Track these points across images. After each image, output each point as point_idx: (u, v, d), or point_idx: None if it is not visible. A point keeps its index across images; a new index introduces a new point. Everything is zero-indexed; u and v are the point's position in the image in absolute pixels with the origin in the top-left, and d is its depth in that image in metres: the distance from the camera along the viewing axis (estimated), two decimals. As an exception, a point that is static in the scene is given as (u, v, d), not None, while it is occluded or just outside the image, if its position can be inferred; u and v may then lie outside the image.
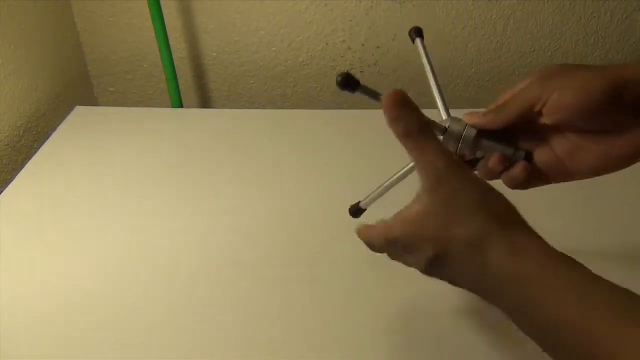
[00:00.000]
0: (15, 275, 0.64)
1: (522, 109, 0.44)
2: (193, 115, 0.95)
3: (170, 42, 0.96)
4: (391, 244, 0.43)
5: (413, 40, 0.55)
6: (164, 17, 0.93)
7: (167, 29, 0.94)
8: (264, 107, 1.09)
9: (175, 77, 0.99)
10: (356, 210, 0.54)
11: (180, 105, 1.02)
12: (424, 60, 0.53)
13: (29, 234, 0.69)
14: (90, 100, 1.10)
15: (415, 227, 0.41)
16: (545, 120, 0.44)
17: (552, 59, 1.01)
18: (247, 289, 0.61)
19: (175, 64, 0.99)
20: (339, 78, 0.44)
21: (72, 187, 0.77)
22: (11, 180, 0.78)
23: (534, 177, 0.47)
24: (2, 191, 0.76)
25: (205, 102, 1.10)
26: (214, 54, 1.04)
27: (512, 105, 0.45)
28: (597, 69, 0.43)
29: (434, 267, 0.41)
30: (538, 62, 1.02)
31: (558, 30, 0.99)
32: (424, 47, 0.54)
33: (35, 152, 0.84)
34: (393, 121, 0.41)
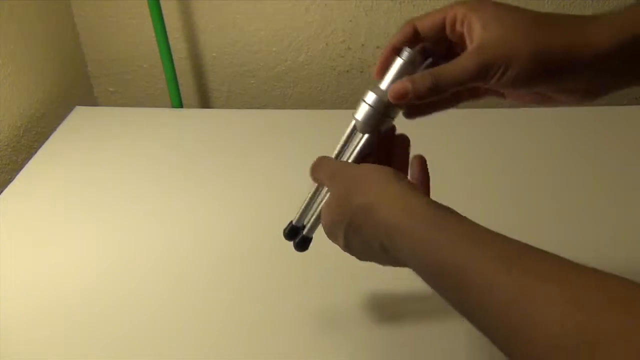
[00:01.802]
0: (16, 275, 0.63)
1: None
2: (193, 115, 0.95)
3: (170, 42, 0.96)
4: (330, 234, 0.48)
5: None
6: (164, 17, 0.93)
7: (167, 29, 0.94)
8: (264, 107, 1.09)
9: (175, 77, 0.99)
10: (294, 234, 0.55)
11: (180, 105, 1.02)
12: None
13: (29, 234, 0.69)
14: (90, 100, 1.10)
15: (331, 212, 0.46)
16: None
17: (552, 59, 1.01)
18: (248, 288, 0.61)
19: (175, 64, 0.99)
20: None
21: (72, 187, 0.77)
22: (11, 180, 0.78)
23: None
24: (2, 191, 0.76)
25: (205, 102, 1.10)
26: (214, 54, 1.04)
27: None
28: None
29: (349, 237, 0.45)
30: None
31: (558, 30, 0.98)
32: None
33: (35, 152, 0.84)
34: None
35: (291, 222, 0.57)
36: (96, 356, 0.55)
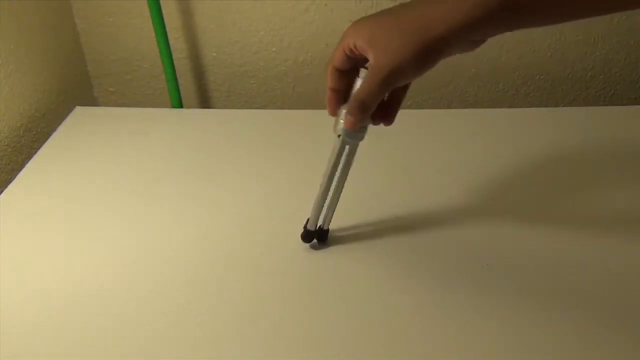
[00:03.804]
0: (16, 275, 0.64)
1: None
2: (193, 115, 0.95)
3: (170, 42, 0.96)
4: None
5: None
6: (164, 17, 0.93)
7: (167, 29, 0.94)
8: (264, 107, 1.09)
9: (175, 77, 0.99)
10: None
11: (180, 105, 1.02)
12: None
13: (29, 234, 0.69)
14: (90, 100, 1.10)
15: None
16: None
17: (552, 59, 1.01)
18: (248, 289, 0.61)
19: (175, 64, 0.99)
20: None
21: (72, 187, 0.77)
22: (11, 181, 0.78)
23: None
24: (2, 191, 0.76)
25: (205, 102, 1.10)
26: (214, 54, 1.04)
27: None
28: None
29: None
30: (538, 62, 1.02)
31: (558, 30, 0.99)
32: None
33: (35, 152, 0.84)
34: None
35: (305, 226, 0.64)
36: (97, 356, 0.55)
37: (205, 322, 0.58)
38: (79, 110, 0.94)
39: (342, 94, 0.56)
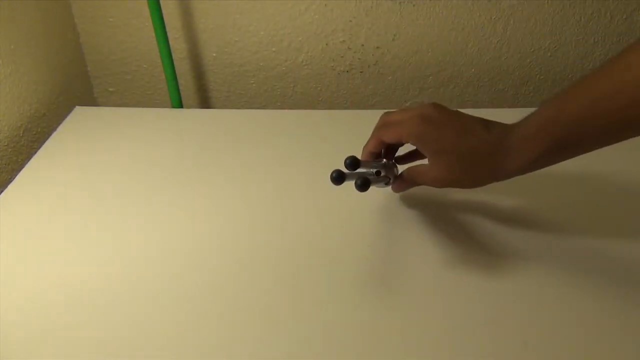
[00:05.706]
0: (16, 275, 0.64)
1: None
2: (193, 115, 0.95)
3: (170, 42, 0.96)
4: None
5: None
6: (164, 17, 0.93)
7: (167, 29, 0.94)
8: (264, 107, 1.09)
9: (175, 77, 0.99)
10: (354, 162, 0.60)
11: (180, 106, 1.02)
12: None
13: (29, 235, 0.69)
14: (90, 100, 1.10)
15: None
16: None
17: (552, 59, 1.01)
18: (248, 289, 0.61)
19: (175, 64, 0.99)
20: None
21: (72, 188, 0.77)
22: (11, 181, 0.78)
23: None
24: (2, 191, 0.76)
25: (205, 102, 1.10)
26: (214, 54, 1.04)
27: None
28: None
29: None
30: (538, 62, 1.02)
31: (558, 30, 0.99)
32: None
33: (35, 152, 0.84)
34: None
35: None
36: (95, 356, 0.55)
37: (206, 322, 0.58)
38: (79, 110, 0.94)
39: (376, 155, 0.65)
